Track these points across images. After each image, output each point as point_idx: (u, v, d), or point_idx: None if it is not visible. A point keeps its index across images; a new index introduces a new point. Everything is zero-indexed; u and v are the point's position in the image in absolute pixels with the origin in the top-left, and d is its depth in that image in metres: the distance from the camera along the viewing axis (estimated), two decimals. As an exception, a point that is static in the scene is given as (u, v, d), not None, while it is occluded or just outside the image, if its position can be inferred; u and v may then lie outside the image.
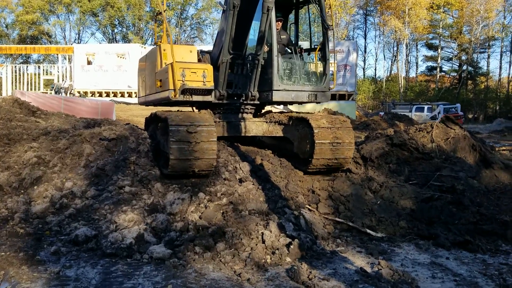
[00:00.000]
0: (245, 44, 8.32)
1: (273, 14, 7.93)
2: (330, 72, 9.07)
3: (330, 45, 8.91)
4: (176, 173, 7.10)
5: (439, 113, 32.36)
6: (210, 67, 8.00)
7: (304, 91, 8.57)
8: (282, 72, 8.30)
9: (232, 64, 8.20)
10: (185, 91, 7.75)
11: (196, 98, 8.05)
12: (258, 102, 8.71)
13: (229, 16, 7.66)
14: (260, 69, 8.12)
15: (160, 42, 8.71)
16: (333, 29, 8.82)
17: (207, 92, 8.03)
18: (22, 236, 6.06)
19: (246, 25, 8.00)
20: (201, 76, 7.82)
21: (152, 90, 8.96)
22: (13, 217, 6.54)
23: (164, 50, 8.38)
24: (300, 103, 9.48)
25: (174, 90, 7.69)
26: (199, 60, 8.87)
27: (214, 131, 7.12)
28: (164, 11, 8.39)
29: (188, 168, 7.03)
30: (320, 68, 8.89)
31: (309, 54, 9.28)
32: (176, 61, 7.66)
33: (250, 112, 8.97)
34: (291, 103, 10.60)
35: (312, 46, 9.27)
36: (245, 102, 8.60)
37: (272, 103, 9.10)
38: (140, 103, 10.56)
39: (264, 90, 8.42)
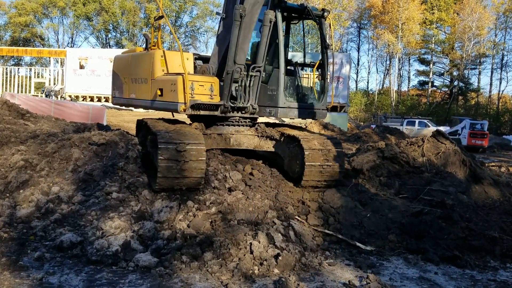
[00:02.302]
0: (251, 55, 8.21)
1: (280, 27, 7.93)
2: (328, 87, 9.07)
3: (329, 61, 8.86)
4: (164, 189, 7.01)
5: (463, 128, 30.17)
6: (216, 80, 7.84)
7: (304, 108, 8.56)
8: (287, 88, 8.26)
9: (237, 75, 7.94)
10: (196, 106, 7.53)
11: (203, 112, 7.78)
12: (257, 116, 8.58)
13: (235, 26, 7.56)
14: (260, 82, 7.99)
15: (154, 47, 8.55)
16: (332, 49, 8.80)
17: (215, 107, 7.81)
18: (6, 240, 5.95)
19: (250, 35, 7.92)
20: (209, 90, 7.65)
21: (142, 95, 8.72)
22: (-3, 221, 6.42)
23: (162, 56, 8.18)
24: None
25: (185, 104, 7.43)
26: (195, 68, 8.73)
27: (203, 150, 7.00)
28: (167, 16, 8.25)
29: (175, 185, 6.95)
30: (317, 85, 8.85)
31: (302, 69, 9.20)
32: (188, 73, 7.43)
33: (247, 125, 8.75)
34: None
35: (309, 62, 9.18)
36: (245, 115, 8.37)
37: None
38: (118, 104, 10.01)
39: (269, 105, 8.28)
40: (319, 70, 8.88)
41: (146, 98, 8.55)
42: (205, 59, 9.08)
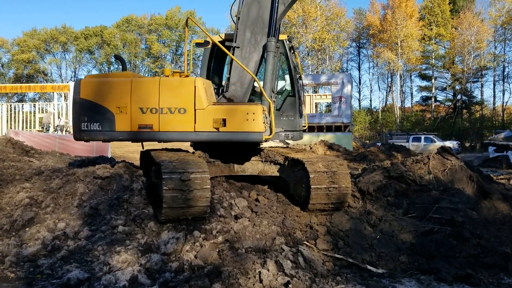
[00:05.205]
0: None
1: (290, 57, 8.57)
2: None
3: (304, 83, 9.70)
4: (170, 220, 6.96)
5: None
6: (265, 108, 8.06)
7: (299, 130, 9.31)
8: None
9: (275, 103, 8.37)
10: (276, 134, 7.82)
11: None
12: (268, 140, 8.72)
13: (272, 57, 8.04)
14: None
15: (182, 73, 8.22)
16: (301, 79, 9.59)
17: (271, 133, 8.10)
18: (13, 280, 5.89)
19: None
20: (263, 118, 7.80)
21: (175, 127, 7.83)
22: (3, 260, 6.37)
23: (204, 84, 7.95)
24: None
25: (270, 132, 7.80)
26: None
27: (207, 178, 6.91)
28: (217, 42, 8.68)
29: (181, 215, 6.89)
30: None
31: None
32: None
33: (255, 151, 8.86)
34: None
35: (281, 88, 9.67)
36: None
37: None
38: (98, 139, 8.28)
39: (285, 130, 8.74)
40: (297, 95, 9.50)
41: (185, 129, 7.83)
42: None
